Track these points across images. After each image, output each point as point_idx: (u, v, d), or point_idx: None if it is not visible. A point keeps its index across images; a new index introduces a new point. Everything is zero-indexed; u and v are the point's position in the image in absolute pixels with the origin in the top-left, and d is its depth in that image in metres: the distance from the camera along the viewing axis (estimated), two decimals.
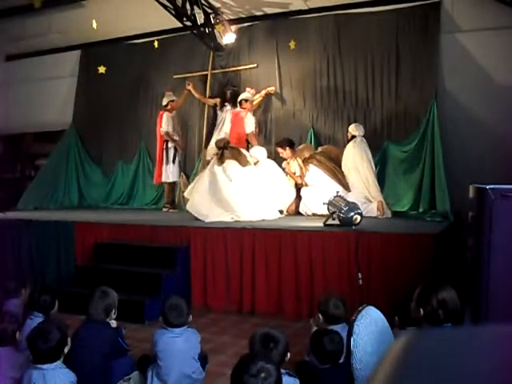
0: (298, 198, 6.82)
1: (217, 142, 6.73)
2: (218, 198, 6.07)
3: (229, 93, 7.87)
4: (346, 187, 6.43)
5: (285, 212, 6.70)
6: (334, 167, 6.61)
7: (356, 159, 6.39)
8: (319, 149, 7.04)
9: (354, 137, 6.56)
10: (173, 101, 7.83)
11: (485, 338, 0.64)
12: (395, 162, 6.80)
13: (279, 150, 6.99)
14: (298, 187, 6.84)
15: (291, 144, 6.99)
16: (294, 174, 6.81)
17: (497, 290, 2.84)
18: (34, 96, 9.39)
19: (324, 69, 7.45)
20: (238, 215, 5.90)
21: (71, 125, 9.30)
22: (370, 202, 6.28)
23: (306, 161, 6.76)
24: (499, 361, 0.58)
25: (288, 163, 6.90)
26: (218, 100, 7.96)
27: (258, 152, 6.85)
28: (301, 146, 7.12)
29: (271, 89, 7.62)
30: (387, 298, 4.18)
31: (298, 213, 6.72)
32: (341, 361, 2.81)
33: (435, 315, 2.50)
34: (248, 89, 7.58)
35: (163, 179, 7.84)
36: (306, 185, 6.74)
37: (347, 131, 6.76)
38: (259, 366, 1.91)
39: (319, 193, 6.28)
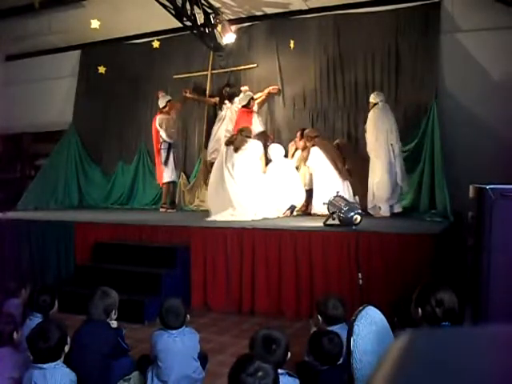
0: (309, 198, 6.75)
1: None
2: (222, 193, 6.10)
3: (227, 91, 7.87)
4: (344, 175, 6.45)
5: (297, 208, 6.67)
6: (336, 153, 6.61)
7: (383, 123, 6.19)
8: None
9: (375, 105, 6.35)
10: (169, 101, 7.80)
11: (485, 337, 0.64)
12: None
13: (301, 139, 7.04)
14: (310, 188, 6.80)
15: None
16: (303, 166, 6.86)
17: (497, 289, 2.84)
18: (34, 96, 9.39)
19: (324, 69, 7.45)
20: (238, 213, 5.91)
21: (71, 125, 9.30)
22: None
23: (310, 140, 6.72)
24: (499, 361, 0.58)
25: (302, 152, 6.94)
26: (217, 99, 7.97)
27: (275, 150, 6.86)
28: (307, 130, 7.01)
29: (273, 87, 7.62)
30: (387, 298, 4.18)
31: (307, 213, 6.66)
32: (340, 362, 2.81)
33: (433, 314, 2.51)
34: (246, 87, 7.59)
35: (164, 179, 7.81)
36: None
37: (368, 103, 6.51)
38: (256, 365, 1.92)
39: (321, 190, 6.30)
